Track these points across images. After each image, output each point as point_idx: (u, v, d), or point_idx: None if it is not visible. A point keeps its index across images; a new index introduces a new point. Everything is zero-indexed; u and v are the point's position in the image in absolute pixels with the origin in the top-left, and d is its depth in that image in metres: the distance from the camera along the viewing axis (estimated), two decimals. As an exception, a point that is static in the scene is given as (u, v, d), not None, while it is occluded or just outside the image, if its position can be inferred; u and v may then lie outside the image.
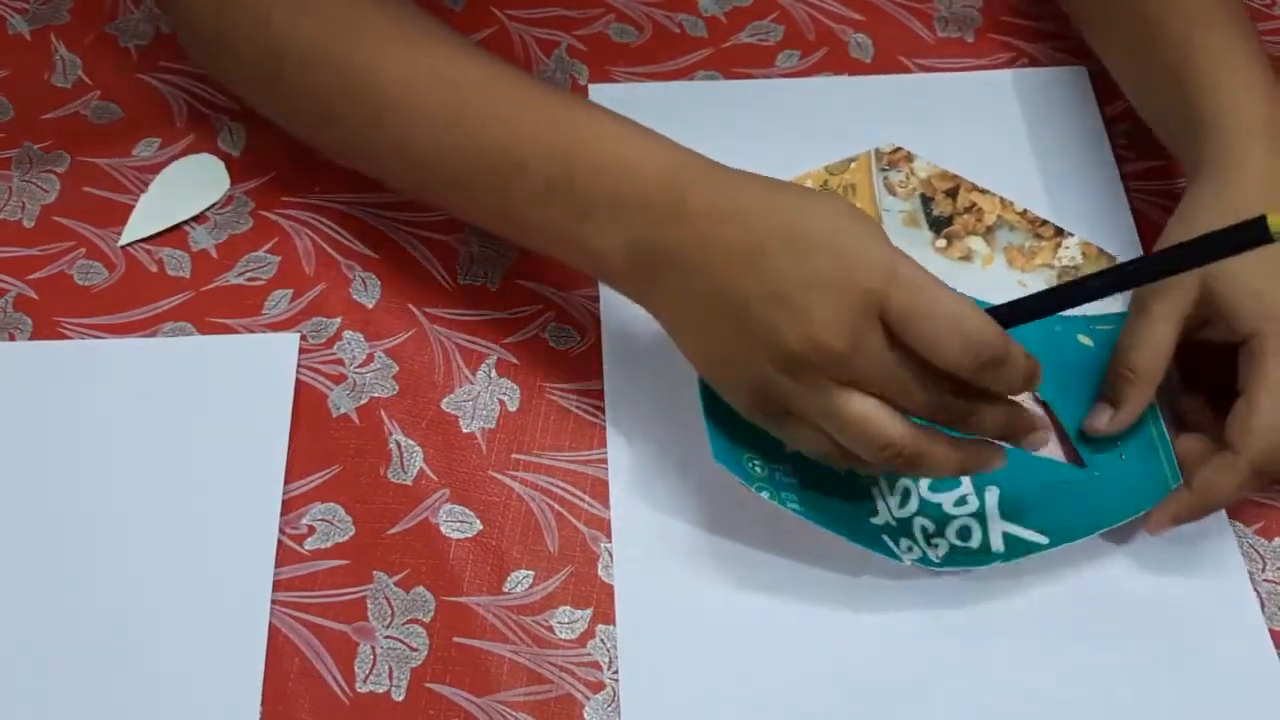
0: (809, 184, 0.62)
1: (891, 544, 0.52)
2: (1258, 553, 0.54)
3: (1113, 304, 0.58)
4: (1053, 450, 0.55)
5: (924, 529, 0.53)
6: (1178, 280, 0.51)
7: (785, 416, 0.49)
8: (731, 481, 0.53)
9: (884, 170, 0.63)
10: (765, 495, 0.51)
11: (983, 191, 0.62)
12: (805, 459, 0.53)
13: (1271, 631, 0.52)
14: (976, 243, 0.61)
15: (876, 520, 0.53)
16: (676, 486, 0.55)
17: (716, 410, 0.52)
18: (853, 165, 0.63)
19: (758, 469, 0.52)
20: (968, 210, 0.62)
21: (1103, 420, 0.54)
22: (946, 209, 0.62)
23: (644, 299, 0.51)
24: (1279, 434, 0.50)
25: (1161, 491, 0.53)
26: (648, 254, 0.49)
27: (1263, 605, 0.53)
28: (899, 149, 0.64)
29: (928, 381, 0.46)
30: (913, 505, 0.54)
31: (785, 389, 0.47)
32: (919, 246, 0.61)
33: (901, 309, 0.44)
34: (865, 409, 0.46)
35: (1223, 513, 0.55)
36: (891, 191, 0.63)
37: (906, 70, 0.70)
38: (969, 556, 0.52)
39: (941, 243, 0.61)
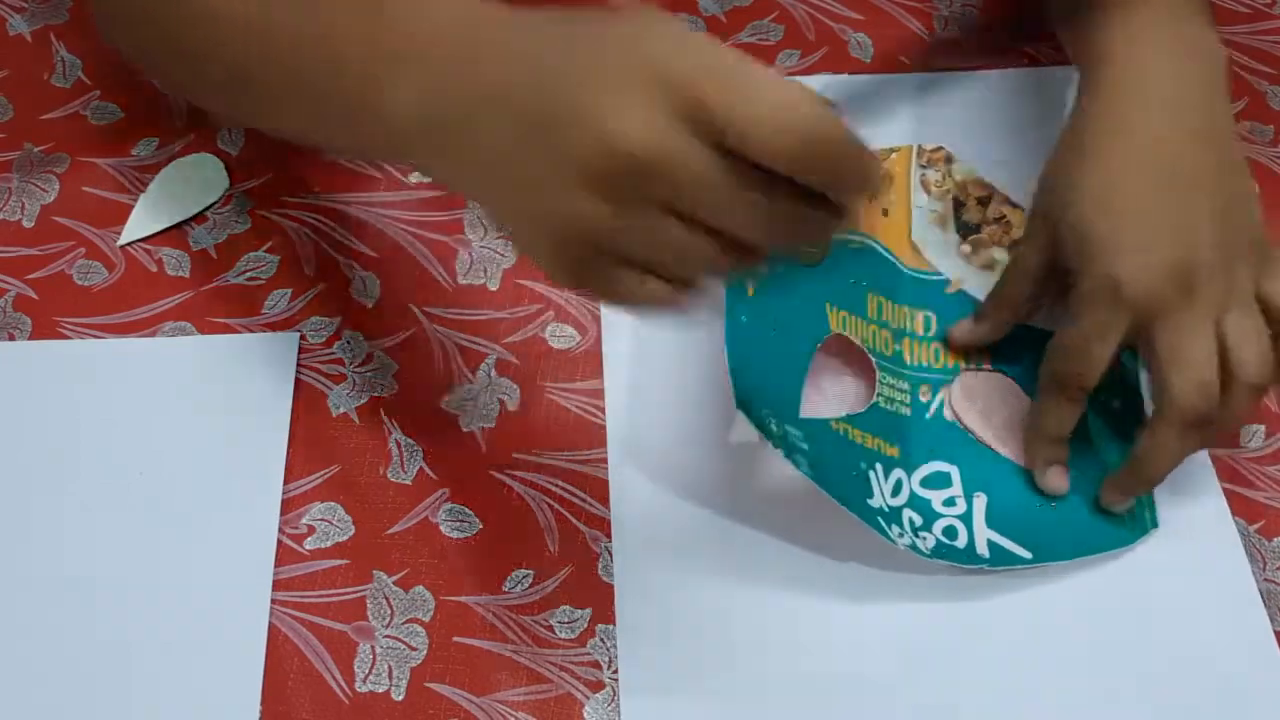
0: None
1: (885, 527, 0.52)
2: (1259, 552, 0.54)
3: None
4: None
5: (912, 522, 0.53)
6: (1036, 227, 0.55)
7: (601, 262, 0.39)
8: (732, 481, 0.53)
9: (922, 167, 0.63)
10: (782, 453, 0.51)
11: (1014, 206, 0.62)
12: (816, 427, 0.53)
13: (1274, 632, 0.52)
14: (1000, 254, 0.61)
15: (873, 503, 0.53)
16: (676, 487, 0.55)
17: (739, 358, 0.52)
18: (893, 155, 0.63)
19: (773, 427, 0.52)
20: (997, 221, 0.62)
21: (962, 329, 0.57)
22: (976, 216, 0.62)
23: (444, 160, 0.43)
24: (1068, 355, 0.52)
25: (1140, 533, 0.54)
26: (440, 100, 0.41)
27: (1264, 605, 0.53)
28: (940, 148, 0.64)
29: (752, 187, 0.38)
30: (903, 497, 0.54)
31: (599, 220, 0.38)
32: (944, 247, 0.61)
33: (719, 106, 0.36)
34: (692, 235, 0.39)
35: (1226, 511, 0.55)
36: (926, 189, 0.63)
37: (906, 70, 0.70)
38: (956, 554, 0.52)
39: (966, 248, 0.61)
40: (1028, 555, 0.53)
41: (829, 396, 0.57)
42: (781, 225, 0.39)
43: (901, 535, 0.52)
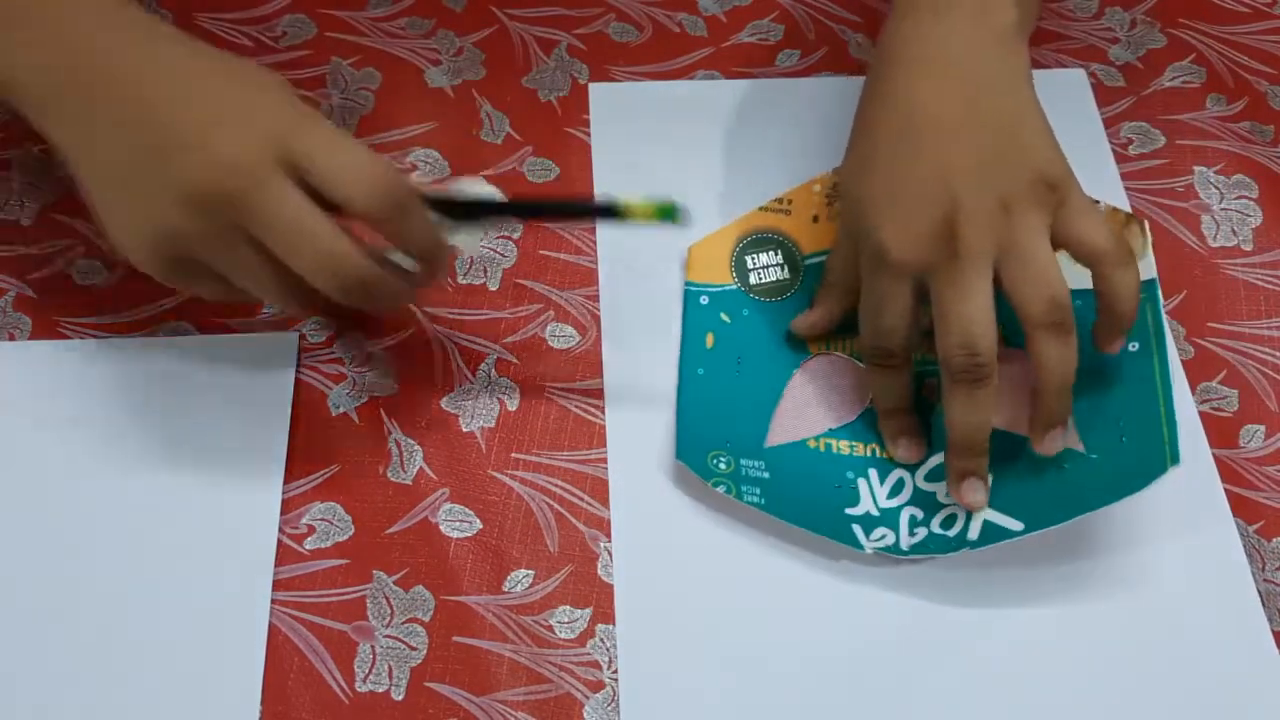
0: (816, 188, 0.62)
1: (861, 534, 0.52)
2: (1258, 552, 0.54)
3: None
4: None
5: (912, 518, 0.53)
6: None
7: (188, 265, 0.48)
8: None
9: None
10: (722, 490, 0.52)
11: None
12: (785, 453, 0.54)
13: (1272, 632, 0.52)
14: None
15: (854, 511, 0.53)
16: (676, 487, 0.55)
17: (691, 408, 0.54)
18: None
19: (722, 465, 0.53)
20: None
21: (800, 319, 0.58)
22: None
23: (53, 126, 0.49)
24: (865, 327, 0.54)
25: (1157, 472, 0.50)
26: (58, 72, 0.47)
27: (1263, 605, 0.53)
28: None
29: (326, 236, 0.46)
30: (904, 495, 0.54)
31: (190, 234, 0.46)
32: None
33: (306, 149, 0.45)
34: (265, 268, 0.47)
35: (1226, 511, 0.55)
36: None
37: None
38: (941, 543, 0.52)
39: None
40: (1019, 526, 0.51)
41: (811, 416, 0.57)
42: (348, 282, 0.46)
43: (883, 538, 0.52)
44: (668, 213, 0.51)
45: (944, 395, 0.51)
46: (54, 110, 0.48)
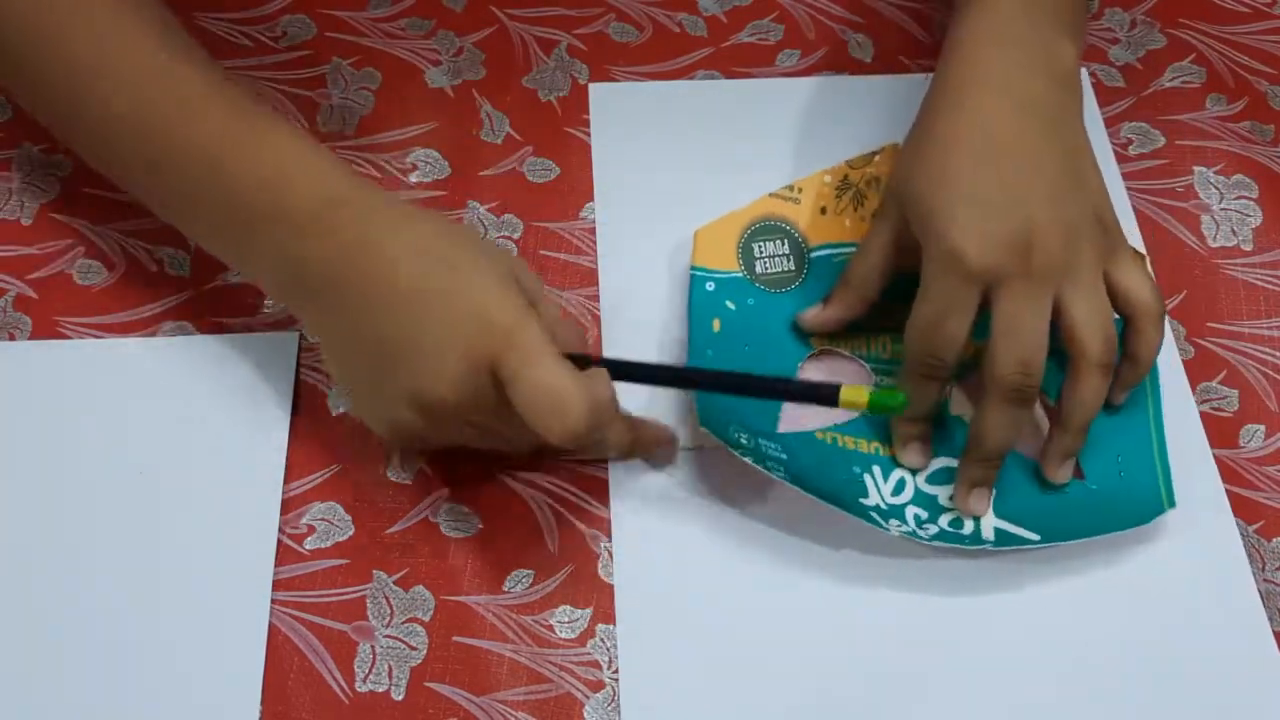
0: (827, 179, 0.62)
1: (880, 520, 0.52)
2: (1258, 552, 0.54)
3: None
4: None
5: (917, 516, 0.53)
6: (887, 206, 0.56)
7: (427, 441, 0.53)
8: (731, 480, 0.53)
9: None
10: (749, 460, 0.51)
11: None
12: (797, 440, 0.54)
13: (1272, 632, 0.52)
14: None
15: (866, 502, 0.53)
16: (676, 486, 0.55)
17: (707, 393, 0.53)
18: (876, 158, 0.62)
19: (743, 440, 0.52)
20: None
21: (810, 314, 0.58)
22: None
23: (300, 315, 0.53)
24: (923, 334, 0.52)
25: (1155, 512, 0.53)
26: (297, 272, 0.50)
27: (1263, 605, 0.53)
28: None
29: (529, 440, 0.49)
30: (906, 494, 0.54)
31: (417, 427, 0.50)
32: None
33: (509, 378, 0.47)
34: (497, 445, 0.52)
35: (1228, 511, 0.55)
36: None
37: (906, 70, 0.69)
38: (960, 539, 0.52)
39: None
40: (1035, 537, 0.52)
41: (818, 409, 0.56)
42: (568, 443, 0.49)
43: (900, 525, 0.52)
44: (889, 404, 0.49)
45: (984, 407, 0.51)
46: (306, 305, 0.52)
